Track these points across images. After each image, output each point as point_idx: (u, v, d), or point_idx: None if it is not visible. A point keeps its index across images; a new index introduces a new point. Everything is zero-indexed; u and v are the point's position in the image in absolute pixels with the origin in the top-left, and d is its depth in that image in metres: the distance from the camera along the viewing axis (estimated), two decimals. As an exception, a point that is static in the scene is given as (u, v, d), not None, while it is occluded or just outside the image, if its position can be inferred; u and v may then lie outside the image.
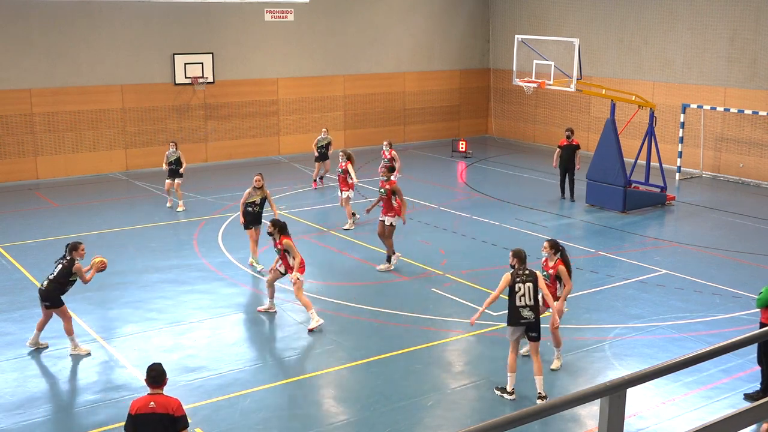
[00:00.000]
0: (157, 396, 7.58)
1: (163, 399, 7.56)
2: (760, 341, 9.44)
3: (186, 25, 25.56)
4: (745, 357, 11.29)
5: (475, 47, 31.65)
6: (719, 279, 15.29)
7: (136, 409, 7.50)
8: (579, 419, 10.04)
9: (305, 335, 12.81)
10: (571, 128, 22.03)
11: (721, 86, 24.49)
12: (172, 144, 20.63)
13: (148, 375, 7.70)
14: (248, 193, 15.73)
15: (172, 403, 7.56)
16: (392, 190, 15.77)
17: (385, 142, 20.56)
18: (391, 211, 15.80)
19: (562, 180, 21.68)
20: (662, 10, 25.76)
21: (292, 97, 27.88)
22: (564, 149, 21.36)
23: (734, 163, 24.50)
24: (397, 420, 10.12)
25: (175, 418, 7.49)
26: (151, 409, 7.47)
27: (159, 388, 7.65)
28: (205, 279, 15.40)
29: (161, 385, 7.67)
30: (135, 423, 7.48)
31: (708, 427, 3.69)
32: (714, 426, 3.72)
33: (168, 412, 7.48)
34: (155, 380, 7.65)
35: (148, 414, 7.45)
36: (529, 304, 10.24)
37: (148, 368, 7.77)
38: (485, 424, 3.04)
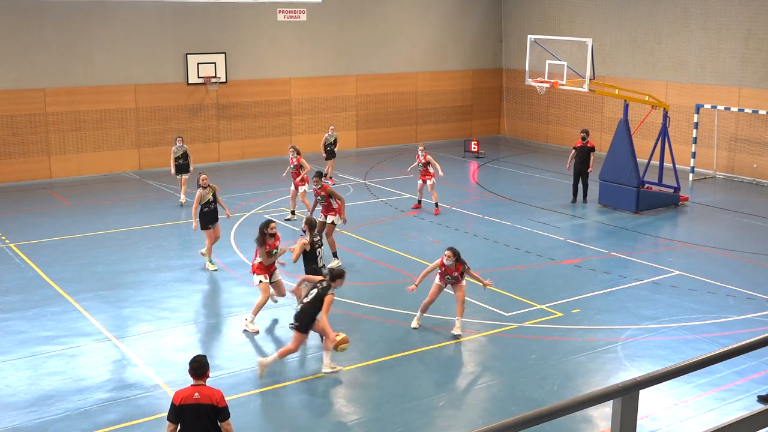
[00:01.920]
0: (201, 387, 7.84)
1: (207, 390, 7.82)
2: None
3: (199, 25, 25.64)
4: (759, 359, 11.23)
5: (487, 47, 31.60)
6: (733, 280, 15.21)
7: (180, 399, 7.76)
8: (591, 420, 10.01)
9: (316, 335, 12.80)
10: (586, 129, 21.83)
11: (736, 86, 24.36)
12: (179, 139, 20.92)
13: (191, 367, 7.95)
14: (200, 195, 15.78)
15: (215, 394, 7.81)
16: (328, 194, 16.22)
17: (420, 146, 20.06)
18: (332, 211, 16.30)
19: (575, 182, 21.43)
20: (676, 10, 25.65)
21: (304, 96, 27.92)
22: (579, 150, 21.20)
23: (748, 164, 24.36)
24: (408, 420, 10.11)
25: (218, 409, 7.75)
26: (195, 399, 7.72)
27: (201, 379, 7.91)
28: (217, 278, 15.43)
29: (203, 376, 7.91)
30: (179, 413, 7.74)
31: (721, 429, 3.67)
32: (727, 428, 3.70)
33: (212, 402, 7.74)
34: (197, 372, 7.91)
35: (193, 405, 7.71)
36: None
37: (191, 360, 8.02)
38: (497, 425, 3.04)
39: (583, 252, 17.10)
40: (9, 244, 17.48)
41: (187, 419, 7.72)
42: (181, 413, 7.74)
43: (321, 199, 16.40)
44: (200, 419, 7.68)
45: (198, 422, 7.70)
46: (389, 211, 20.34)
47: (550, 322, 13.25)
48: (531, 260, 16.49)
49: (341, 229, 18.59)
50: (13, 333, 12.79)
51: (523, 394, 10.86)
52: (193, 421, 7.71)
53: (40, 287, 14.82)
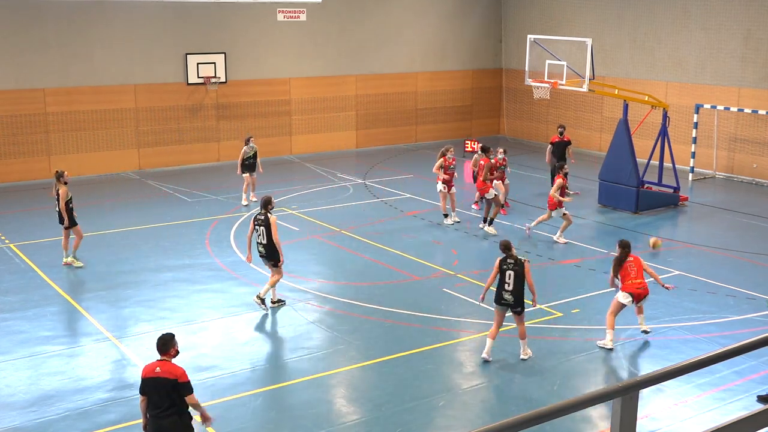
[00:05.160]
0: (163, 362, 8.19)
1: (168, 366, 8.17)
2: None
3: (199, 25, 25.64)
4: (759, 359, 11.24)
5: (487, 47, 31.60)
6: (733, 280, 15.21)
7: (144, 373, 8.20)
8: (591, 420, 10.01)
9: (317, 335, 12.83)
10: (563, 125, 22.56)
11: (735, 86, 24.36)
12: (251, 139, 20.91)
13: (156, 343, 8.32)
14: (66, 192, 15.77)
15: (177, 370, 8.15)
16: None
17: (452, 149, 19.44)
18: None
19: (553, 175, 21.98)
20: (675, 10, 25.65)
21: (304, 96, 27.92)
22: (556, 145, 21.80)
23: (748, 164, 24.36)
24: (408, 420, 10.12)
25: (179, 384, 8.06)
26: (156, 374, 8.10)
27: (166, 355, 8.25)
28: (218, 278, 15.45)
29: (168, 352, 8.26)
30: (143, 386, 8.17)
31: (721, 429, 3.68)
32: (727, 428, 3.70)
33: (172, 377, 8.05)
34: (160, 348, 8.26)
35: (153, 378, 8.09)
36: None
37: (158, 337, 8.42)
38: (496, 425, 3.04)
39: (583, 252, 17.10)
40: (9, 244, 17.49)
41: (149, 392, 8.11)
42: (145, 386, 8.15)
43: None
44: (159, 392, 8.04)
45: (158, 395, 8.06)
46: (389, 211, 20.34)
47: (549, 321, 13.25)
48: (531, 260, 16.46)
49: (341, 230, 18.60)
50: (13, 333, 12.79)
51: (523, 394, 10.87)
52: (154, 394, 8.08)
53: (39, 287, 14.83)
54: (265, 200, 13.80)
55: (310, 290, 14.73)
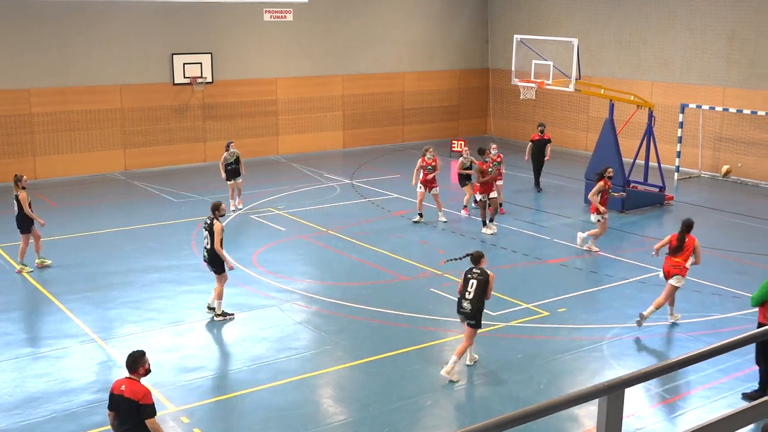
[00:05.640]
0: (130, 381, 7.92)
1: (133, 385, 7.87)
2: (758, 341, 9.45)
3: (185, 25, 25.55)
4: (744, 357, 11.29)
5: (474, 47, 31.65)
6: (718, 279, 15.30)
7: (112, 389, 7.99)
8: (577, 419, 10.05)
9: (304, 335, 12.82)
10: (543, 123, 23.13)
11: (720, 86, 24.50)
12: (231, 144, 20.17)
13: (126, 360, 8.05)
14: (26, 197, 15.42)
15: (139, 391, 7.83)
16: None
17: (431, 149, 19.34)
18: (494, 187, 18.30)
19: (535, 173, 22.77)
20: (661, 11, 25.77)
21: (291, 97, 27.88)
22: (536, 143, 22.29)
23: (733, 163, 24.49)
24: (395, 420, 10.12)
25: (140, 406, 7.77)
26: (120, 392, 7.86)
27: (135, 373, 7.96)
28: (204, 279, 15.37)
29: (136, 371, 7.95)
30: (110, 401, 7.96)
31: (706, 426, 3.69)
32: (712, 426, 3.72)
33: (134, 398, 7.78)
34: (129, 366, 7.98)
35: (118, 396, 7.87)
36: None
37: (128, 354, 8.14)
38: (483, 424, 3.05)
39: (570, 251, 17.15)
40: (-7, 245, 17.37)
41: (116, 409, 7.92)
42: (111, 402, 7.95)
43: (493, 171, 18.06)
44: (123, 412, 7.86)
45: (123, 414, 7.88)
46: (376, 211, 20.34)
47: (536, 321, 13.29)
48: (517, 259, 16.54)
49: (328, 230, 18.59)
50: (-2, 335, 12.71)
51: (510, 394, 10.89)
52: (119, 412, 7.90)
53: (25, 289, 14.74)
54: (213, 205, 13.37)
55: (297, 291, 14.71)
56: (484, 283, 10.98)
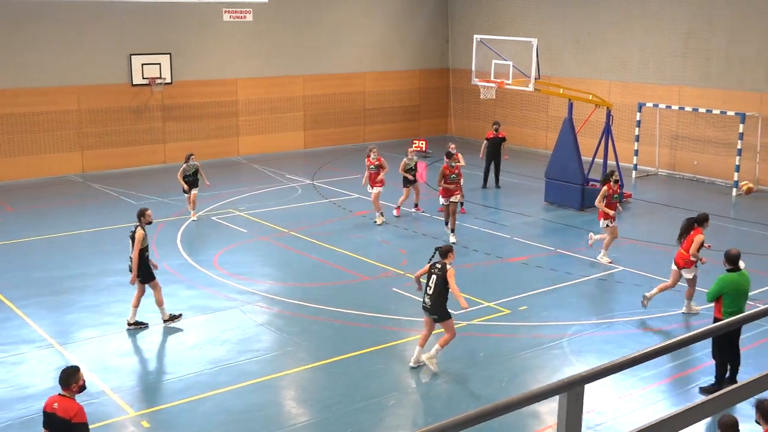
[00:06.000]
0: (63, 398, 7.63)
1: (66, 403, 7.59)
2: (713, 335, 9.61)
3: (143, 26, 25.27)
4: (701, 351, 11.48)
5: (434, 47, 31.75)
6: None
7: (45, 405, 7.70)
8: (539, 416, 10.12)
9: (266, 337, 12.75)
10: (498, 121, 23.49)
11: (676, 85, 24.86)
12: (192, 157, 19.22)
13: (60, 375, 7.75)
14: None
15: (72, 408, 7.56)
16: None
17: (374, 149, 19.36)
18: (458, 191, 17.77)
19: (486, 170, 23.05)
20: (618, 11, 26.08)
21: (251, 97, 27.72)
22: (491, 142, 22.63)
23: (689, 161, 24.88)
24: (358, 420, 10.11)
25: (72, 425, 7.50)
26: (53, 409, 7.59)
27: (68, 390, 7.67)
28: (164, 282, 15.17)
29: (69, 387, 7.66)
30: (44, 419, 7.69)
31: (665, 420, 3.73)
32: (670, 420, 3.76)
33: (66, 417, 7.50)
34: (62, 382, 7.69)
35: (50, 414, 7.60)
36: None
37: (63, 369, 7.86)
38: (445, 423, 3.04)
39: (530, 249, 17.28)
40: (-53, 250, 17.01)
41: (49, 426, 7.65)
42: (44, 419, 7.69)
43: (455, 177, 17.56)
44: (56, 430, 7.59)
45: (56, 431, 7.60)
46: (337, 211, 20.31)
47: (497, 319, 13.36)
48: (479, 258, 16.61)
49: (290, 231, 18.51)
50: (-48, 341, 12.45)
51: (472, 392, 10.94)
52: (53, 430, 7.61)
53: (-20, 294, 14.45)
54: (138, 212, 12.97)
55: (258, 292, 14.62)
56: (443, 279, 11.07)
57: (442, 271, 11.14)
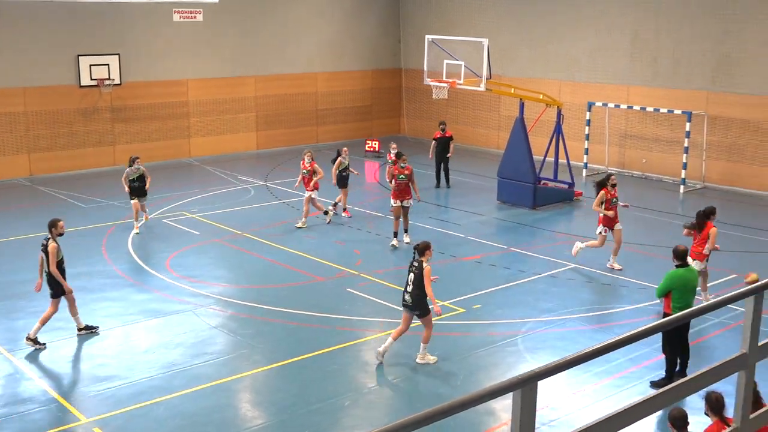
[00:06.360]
0: None
1: None
2: (663, 330, 9.77)
3: (91, 26, 24.86)
4: (651, 346, 11.68)
5: (386, 47, 31.80)
6: (625, 271, 15.76)
7: None
8: (494, 413, 10.20)
9: (220, 339, 12.64)
10: (444, 121, 23.83)
11: (625, 84, 25.26)
12: (137, 160, 18.29)
13: None
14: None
15: None
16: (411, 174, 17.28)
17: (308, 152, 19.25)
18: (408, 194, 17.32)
19: (437, 170, 23.24)
20: (567, 11, 26.41)
21: (202, 98, 27.46)
22: (438, 141, 22.90)
23: (638, 159, 25.31)
24: (314, 421, 10.08)
25: None
26: None
27: None
28: (115, 286, 15.02)
29: None
30: None
31: (617, 415, 3.79)
32: (623, 414, 3.82)
33: None
34: None
35: None
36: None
37: None
38: (402, 422, 3.05)
39: (484, 248, 17.40)
40: None
41: None
42: None
43: (404, 178, 17.09)
44: None
45: None
46: (290, 212, 20.22)
47: (452, 318, 13.42)
48: (433, 258, 16.62)
49: (243, 233, 18.38)
50: None
51: (428, 390, 10.98)
52: None
53: (-76, 301, 14.09)
54: (49, 223, 12.50)
55: (211, 295, 14.50)
56: (420, 276, 11.34)
57: (419, 269, 11.41)
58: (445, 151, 22.89)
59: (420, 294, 11.40)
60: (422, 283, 11.35)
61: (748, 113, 22.68)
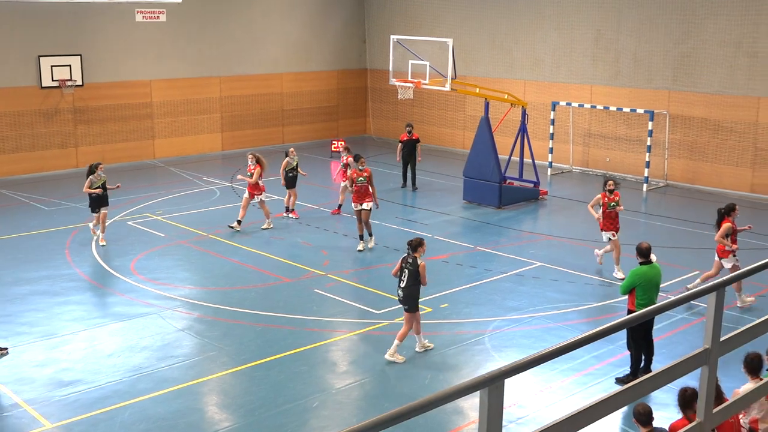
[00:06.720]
0: None
1: None
2: (628, 327, 9.89)
3: (52, 26, 24.53)
4: (615, 343, 11.81)
5: (351, 48, 31.78)
6: (590, 269, 15.92)
7: None
8: (462, 411, 10.24)
9: (186, 342, 12.55)
10: (411, 123, 23.80)
11: (588, 84, 25.51)
12: (100, 166, 17.43)
13: None
14: None
15: None
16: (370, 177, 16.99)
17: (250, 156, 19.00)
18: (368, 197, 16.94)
19: (404, 171, 23.24)
20: (531, 11, 26.60)
21: (166, 99, 27.23)
22: (405, 144, 22.84)
23: (601, 158, 25.57)
24: (282, 423, 10.05)
25: None
26: None
27: None
28: (79, 289, 14.85)
29: None
30: None
31: (583, 411, 3.83)
32: (588, 410, 3.87)
33: None
34: None
35: None
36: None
37: None
38: (370, 422, 3.06)
39: (450, 248, 17.47)
40: None
41: None
42: None
43: (363, 180, 16.72)
44: None
45: None
46: (257, 213, 20.12)
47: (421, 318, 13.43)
48: (399, 258, 16.66)
49: (209, 234, 18.27)
50: None
51: (396, 390, 11.00)
52: None
53: None
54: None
55: (177, 297, 14.39)
56: (415, 273, 11.53)
57: (413, 265, 11.59)
58: (411, 153, 22.85)
59: (413, 289, 11.60)
60: (417, 280, 11.56)
61: (708, 112, 23.03)
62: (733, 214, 13.69)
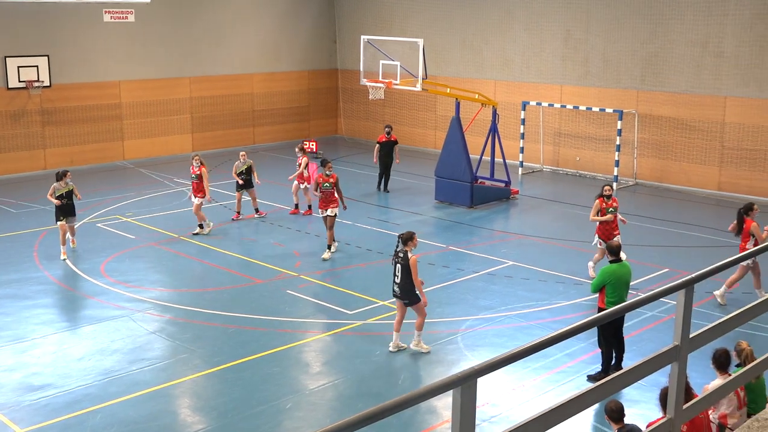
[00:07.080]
0: None
1: None
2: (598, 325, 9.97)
3: (18, 26, 24.23)
4: (587, 341, 11.91)
5: (322, 48, 31.72)
6: (561, 267, 16.03)
7: None
8: (436, 411, 10.27)
9: (158, 345, 12.46)
10: (389, 125, 23.48)
11: (558, 84, 25.68)
12: (68, 173, 16.73)
13: None
14: None
15: None
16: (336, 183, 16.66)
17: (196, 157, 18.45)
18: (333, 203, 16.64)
19: (381, 173, 22.90)
20: (500, 11, 26.73)
21: (136, 100, 27.00)
22: (383, 145, 22.60)
23: (571, 157, 25.76)
24: (255, 425, 10.01)
25: None
26: None
27: None
28: (48, 292, 14.68)
29: None
30: None
31: (555, 409, 3.86)
32: (561, 408, 3.89)
33: None
34: None
35: None
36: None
37: None
38: (344, 422, 3.06)
39: (423, 247, 17.46)
40: None
41: None
42: None
43: (329, 186, 16.45)
44: None
45: None
46: (228, 214, 20.03)
47: (393, 318, 13.44)
48: (372, 258, 16.70)
49: (180, 236, 18.14)
50: None
51: (369, 390, 11.00)
52: None
53: None
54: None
55: (148, 299, 14.28)
56: (407, 267, 11.58)
57: (404, 259, 11.65)
58: (389, 155, 22.62)
59: (408, 283, 11.66)
60: (410, 274, 11.59)
61: (676, 111, 23.28)
62: (752, 213, 13.82)
